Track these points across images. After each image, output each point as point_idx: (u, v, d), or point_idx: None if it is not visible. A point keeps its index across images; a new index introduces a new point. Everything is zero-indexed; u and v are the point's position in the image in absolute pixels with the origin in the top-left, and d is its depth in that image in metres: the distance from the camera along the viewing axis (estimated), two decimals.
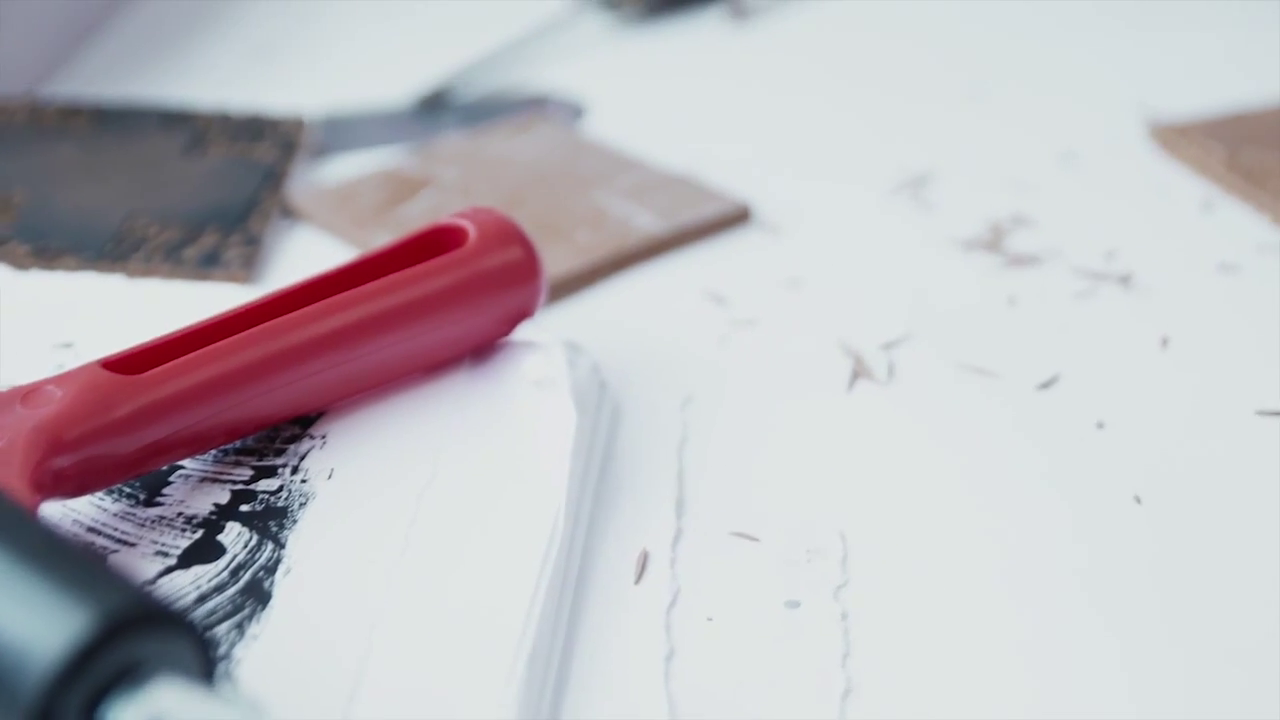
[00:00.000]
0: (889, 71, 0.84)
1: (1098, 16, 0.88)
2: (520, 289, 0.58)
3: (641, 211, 0.69)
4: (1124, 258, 0.67)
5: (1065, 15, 0.88)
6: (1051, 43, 0.86)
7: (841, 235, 0.70)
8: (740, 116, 0.80)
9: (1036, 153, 0.75)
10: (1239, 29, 0.86)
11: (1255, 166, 0.70)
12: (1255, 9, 0.87)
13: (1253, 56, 0.83)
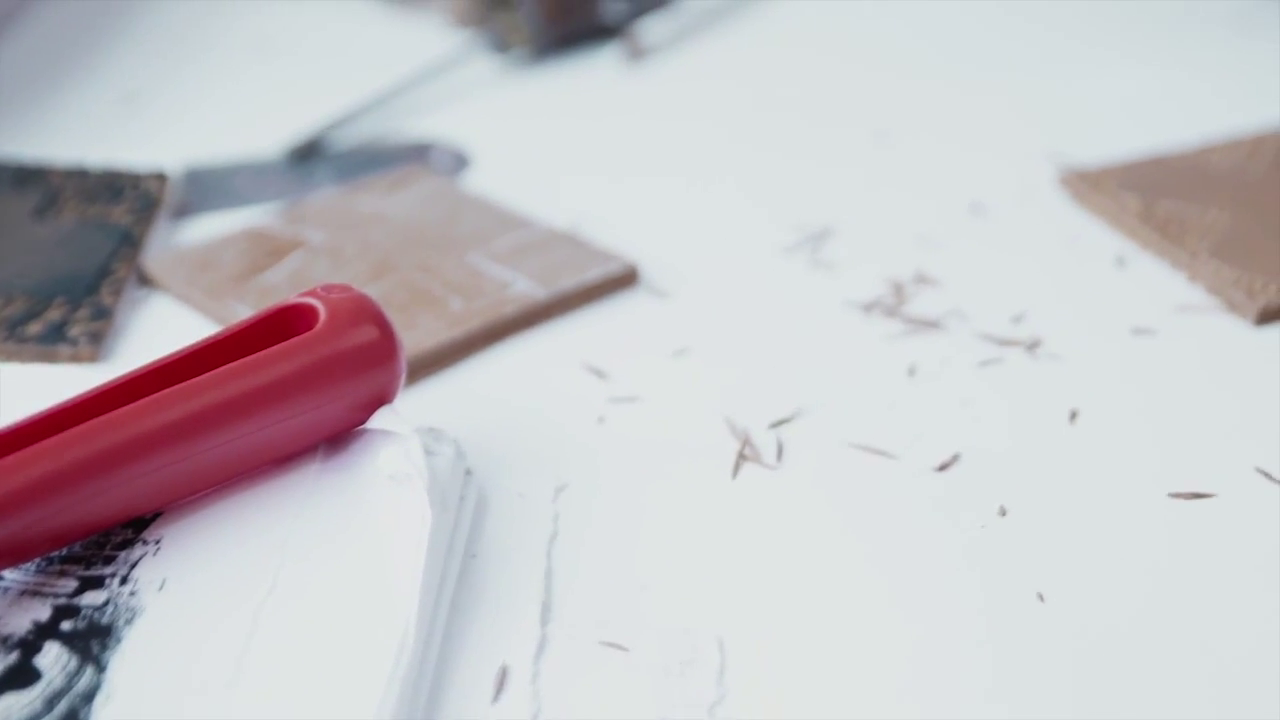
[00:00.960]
0: (791, 116, 0.80)
1: (1007, 60, 0.84)
2: (376, 373, 0.54)
3: (521, 276, 0.65)
4: (1032, 321, 0.64)
5: (973, 59, 0.84)
6: (959, 87, 0.82)
7: (733, 298, 0.66)
8: (632, 166, 0.76)
9: (942, 205, 0.71)
10: (1152, 72, 0.82)
11: (1171, 219, 0.67)
12: (1168, 52, 0.84)
13: (1167, 99, 0.79)
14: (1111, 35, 0.86)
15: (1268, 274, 0.64)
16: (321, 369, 0.53)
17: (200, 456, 0.51)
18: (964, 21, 0.88)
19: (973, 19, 0.88)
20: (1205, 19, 0.85)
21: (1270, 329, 0.63)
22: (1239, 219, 0.67)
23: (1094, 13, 0.87)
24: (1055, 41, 0.85)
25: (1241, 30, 0.82)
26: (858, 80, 0.83)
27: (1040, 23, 0.87)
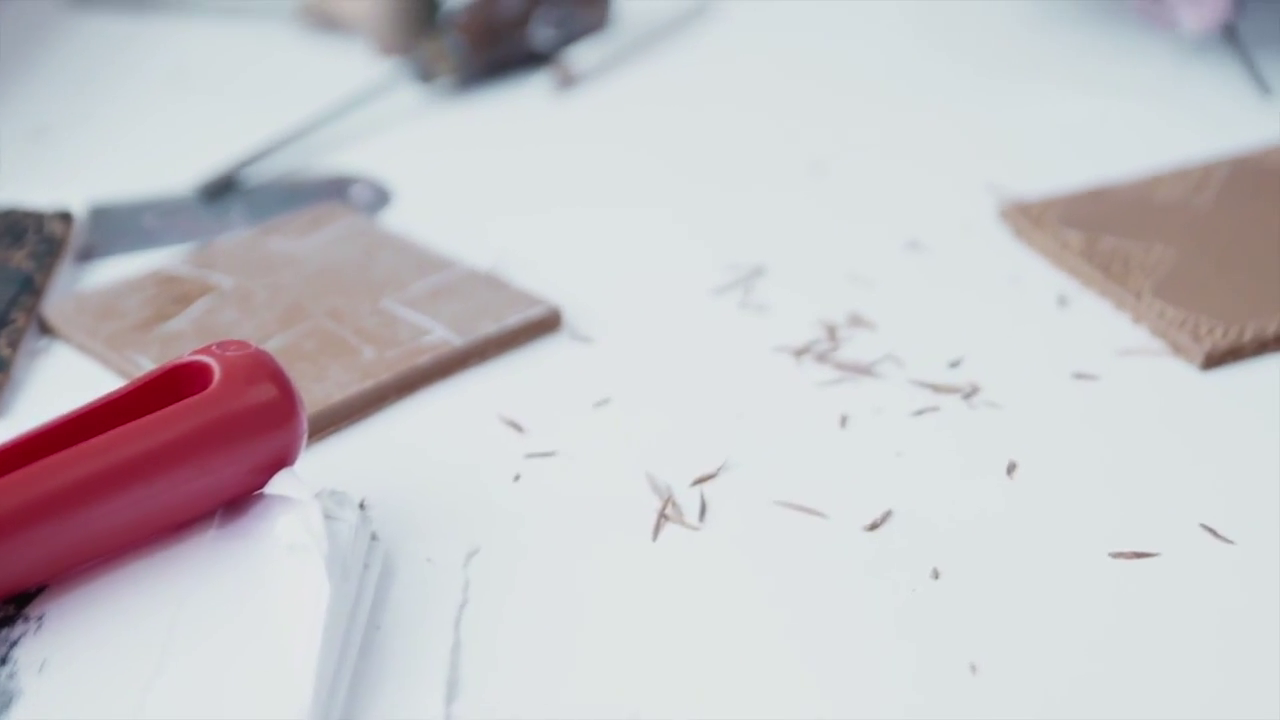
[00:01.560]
0: (725, 146, 0.78)
1: (948, 89, 0.82)
2: (274, 435, 0.51)
3: (437, 323, 0.63)
4: (970, 365, 0.61)
5: (914, 87, 0.82)
6: (899, 116, 0.80)
7: (660, 343, 0.64)
8: (559, 200, 0.74)
9: (880, 240, 0.69)
10: (1098, 101, 0.80)
11: (1115, 256, 0.65)
12: (1113, 80, 0.81)
13: (1112, 128, 0.78)
14: (1055, 63, 0.84)
15: (1214, 314, 0.62)
16: (215, 432, 0.50)
17: (87, 526, 0.49)
18: (904, 49, 0.85)
19: (913, 47, 0.86)
20: (1151, 46, 0.82)
21: (1217, 374, 0.61)
22: (1185, 255, 0.65)
23: (1037, 40, 0.85)
24: (997, 69, 0.83)
25: (1188, 57, 0.79)
26: (795, 109, 0.81)
27: (983, 50, 0.85)
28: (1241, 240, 0.66)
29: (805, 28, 0.88)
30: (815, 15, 0.89)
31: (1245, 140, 0.74)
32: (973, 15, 0.87)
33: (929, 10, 0.88)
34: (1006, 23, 0.86)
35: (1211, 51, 0.83)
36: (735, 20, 0.89)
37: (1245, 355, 0.61)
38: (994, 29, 0.86)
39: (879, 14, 0.89)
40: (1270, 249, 0.65)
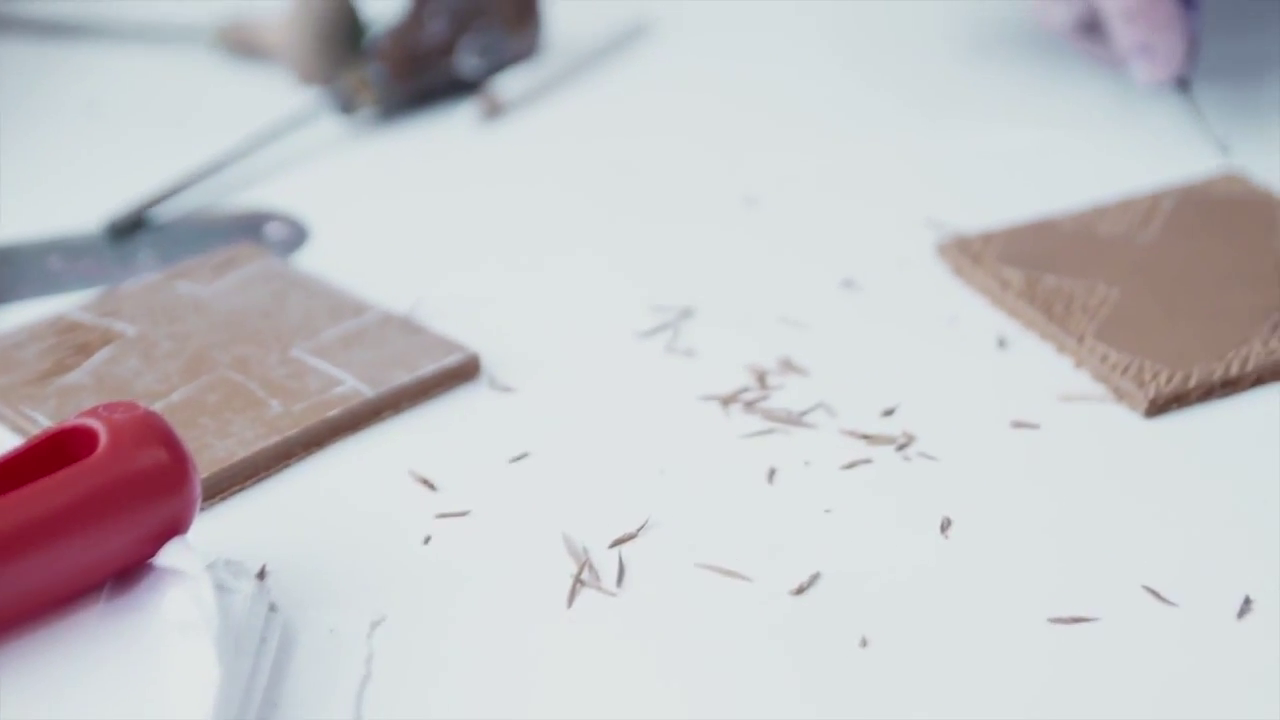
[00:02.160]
0: (656, 179, 0.76)
1: (885, 120, 0.80)
2: (164, 502, 0.49)
3: (348, 373, 0.61)
4: (905, 414, 0.59)
5: (850, 118, 0.80)
6: (835, 148, 0.78)
7: (582, 392, 0.62)
8: (482, 237, 0.72)
9: (813, 279, 0.67)
10: (1039, 131, 0.78)
11: (1056, 296, 0.63)
12: (1055, 109, 0.79)
13: (1055, 159, 0.75)
14: (997, 94, 0.81)
15: (1159, 358, 0.60)
16: (100, 501, 0.48)
17: None
18: (843, 80, 0.83)
19: (852, 77, 0.83)
20: (1095, 76, 0.80)
21: (1162, 421, 0.59)
22: (1129, 294, 0.63)
23: (978, 71, 0.83)
24: (937, 101, 0.81)
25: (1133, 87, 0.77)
26: (729, 139, 0.78)
27: (922, 82, 0.83)
28: (1187, 278, 0.64)
29: (741, 56, 0.86)
30: (751, 44, 0.87)
31: (1192, 169, 0.72)
32: (912, 46, 0.85)
33: (868, 41, 0.86)
34: (946, 54, 0.84)
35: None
36: (669, 47, 0.87)
37: (1191, 401, 0.59)
38: (934, 60, 0.84)
39: (817, 44, 0.86)
40: (1216, 287, 0.63)
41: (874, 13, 0.88)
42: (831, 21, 0.87)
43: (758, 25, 0.88)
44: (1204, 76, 0.76)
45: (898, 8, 0.87)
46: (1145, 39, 0.71)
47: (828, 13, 0.88)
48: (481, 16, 0.82)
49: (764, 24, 0.89)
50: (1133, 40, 0.71)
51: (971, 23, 0.86)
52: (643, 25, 0.89)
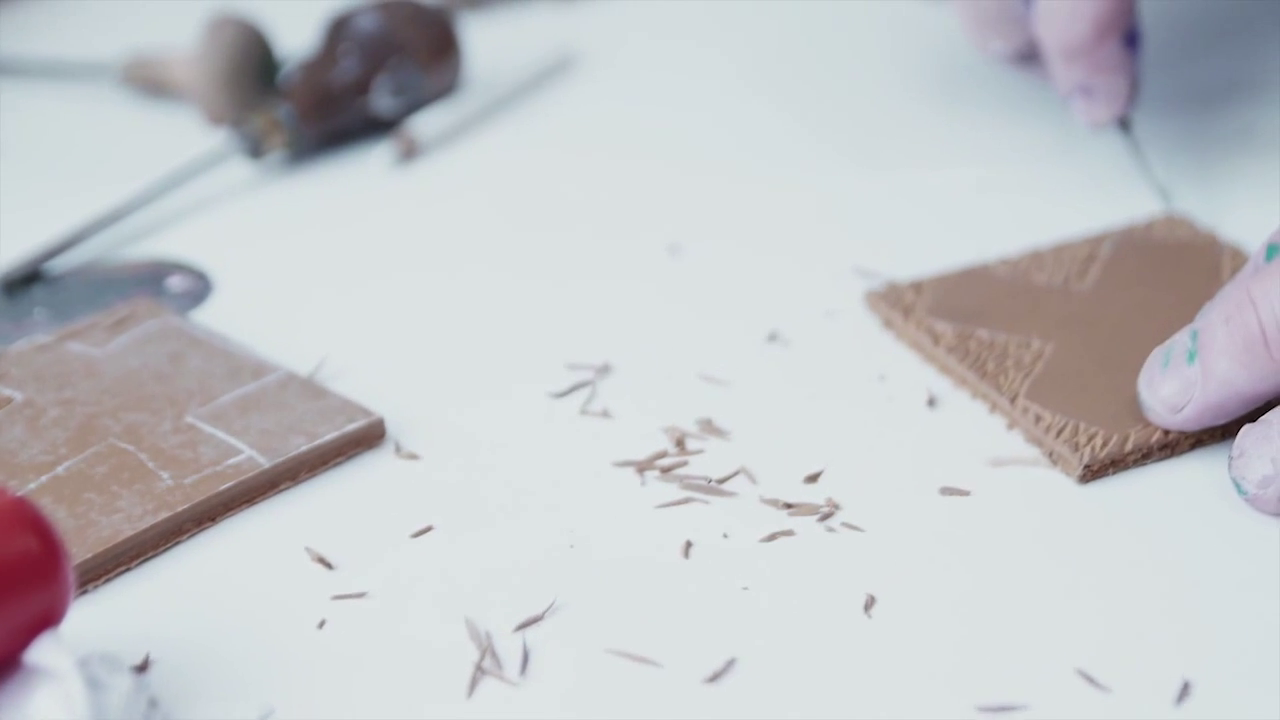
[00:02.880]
0: (574, 226, 0.74)
1: (814, 166, 0.77)
2: (34, 594, 0.46)
3: (244, 441, 0.58)
4: (830, 480, 0.57)
5: (777, 161, 0.77)
6: (762, 193, 0.76)
7: (491, 459, 0.60)
8: (392, 290, 0.70)
9: (737, 333, 0.65)
10: (973, 172, 0.75)
11: (988, 353, 0.61)
12: (988, 153, 0.77)
13: (989, 202, 0.73)
14: (929, 131, 0.79)
15: (1095, 419, 0.57)
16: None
17: None
18: (770, 123, 0.80)
19: (779, 120, 0.81)
20: (1029, 113, 0.77)
21: (1097, 488, 0.57)
22: (1064, 349, 0.61)
23: (909, 108, 0.80)
24: (867, 145, 0.78)
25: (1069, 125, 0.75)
26: (653, 184, 0.76)
27: (852, 125, 0.80)
28: (1125, 331, 0.62)
29: (666, 95, 0.83)
30: (677, 82, 0.85)
31: (1134, 208, 0.70)
32: (843, 86, 0.82)
33: (798, 80, 0.83)
34: (878, 94, 0.81)
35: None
36: (593, 83, 0.85)
37: (1128, 465, 0.57)
38: (865, 100, 0.81)
39: (743, 87, 0.84)
40: (1156, 339, 0.60)
41: (803, 52, 0.86)
42: (759, 61, 0.85)
43: (684, 63, 0.86)
44: (1145, 113, 0.73)
45: (828, 48, 0.84)
46: (1086, 80, 0.68)
47: (755, 52, 0.86)
48: (397, 53, 0.79)
49: (690, 61, 0.86)
50: (1073, 81, 0.69)
51: (902, 62, 0.83)
52: (566, 60, 0.86)
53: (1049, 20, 0.68)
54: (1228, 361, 0.55)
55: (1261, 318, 0.54)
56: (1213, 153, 0.74)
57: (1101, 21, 0.68)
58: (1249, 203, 0.71)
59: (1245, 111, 0.77)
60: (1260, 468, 0.54)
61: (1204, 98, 0.78)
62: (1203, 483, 0.56)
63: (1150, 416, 0.57)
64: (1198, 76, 0.80)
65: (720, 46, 0.87)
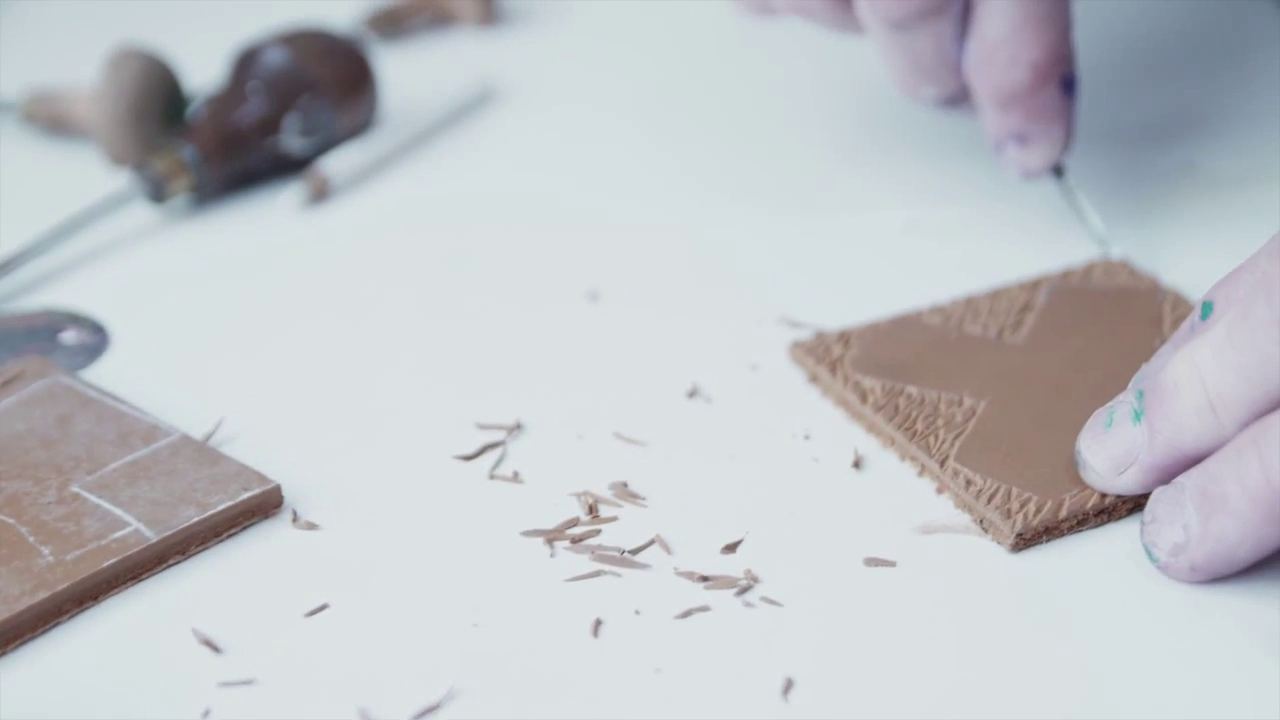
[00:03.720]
0: (489, 272, 0.71)
1: (741, 207, 0.75)
2: None
3: (132, 512, 0.55)
4: (749, 549, 0.55)
5: (704, 204, 0.75)
6: (687, 237, 0.73)
7: (393, 529, 0.58)
8: (297, 342, 0.67)
9: (656, 390, 0.63)
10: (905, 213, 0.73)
11: (917, 411, 0.60)
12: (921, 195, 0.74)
13: (920, 248, 0.71)
14: (861, 170, 0.76)
15: (1028, 483, 0.55)
16: None
17: None
18: (697, 161, 0.78)
19: (704, 156, 0.78)
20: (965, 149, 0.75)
21: (1030, 557, 0.55)
22: (997, 407, 0.58)
23: (842, 147, 0.77)
24: (798, 180, 0.76)
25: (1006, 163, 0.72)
26: (574, 226, 0.74)
27: (782, 165, 0.77)
28: (1061, 386, 0.59)
29: (590, 130, 0.81)
30: (603, 121, 0.82)
31: (1072, 250, 0.69)
32: (773, 122, 0.79)
33: (725, 117, 0.81)
34: (803, 135, 0.79)
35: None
36: (515, 120, 0.82)
37: (1063, 533, 0.55)
38: (790, 143, 0.79)
39: (670, 125, 0.81)
40: (1093, 395, 0.58)
41: (732, 86, 0.83)
42: (687, 98, 0.82)
43: (610, 97, 0.84)
44: (1080, 149, 0.71)
45: (757, 81, 0.82)
46: (1022, 128, 0.66)
47: (683, 89, 0.83)
48: (308, 90, 0.77)
49: (617, 96, 0.84)
50: (1008, 128, 0.66)
51: (829, 100, 0.81)
52: (487, 92, 0.84)
53: (984, 66, 0.66)
54: (1175, 424, 0.53)
55: (1207, 384, 0.52)
56: (1152, 191, 0.72)
57: (1040, 67, 0.65)
58: (1191, 243, 0.69)
59: (1185, 147, 0.75)
60: (1171, 535, 0.53)
61: (1142, 133, 0.76)
62: (1141, 551, 0.54)
63: (1089, 479, 0.55)
64: (1134, 110, 0.78)
65: (648, 80, 0.85)
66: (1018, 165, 0.68)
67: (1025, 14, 0.66)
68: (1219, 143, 0.75)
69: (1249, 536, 0.52)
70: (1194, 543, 0.52)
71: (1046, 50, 0.65)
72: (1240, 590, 0.53)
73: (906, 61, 0.69)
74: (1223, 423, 0.52)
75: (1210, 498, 0.52)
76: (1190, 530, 0.52)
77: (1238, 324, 0.52)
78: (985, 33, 0.66)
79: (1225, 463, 0.52)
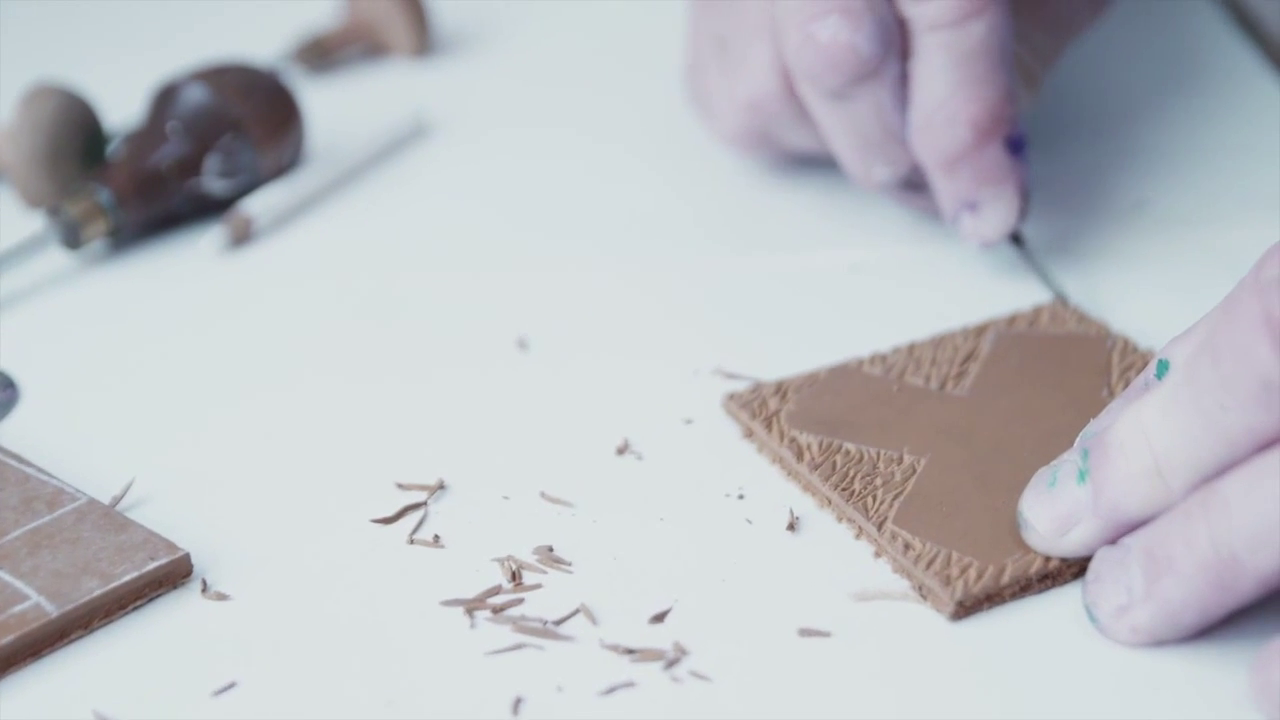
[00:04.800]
0: (414, 320, 0.69)
1: (677, 250, 0.73)
2: None
3: (32, 585, 0.54)
4: (678, 618, 0.54)
5: (637, 244, 0.74)
6: (621, 282, 0.71)
7: (307, 599, 0.56)
8: (213, 398, 0.66)
9: (584, 446, 0.62)
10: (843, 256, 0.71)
11: (855, 469, 0.58)
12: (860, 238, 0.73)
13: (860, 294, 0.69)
14: (803, 209, 0.74)
15: (969, 547, 0.54)
16: None
17: None
18: (635, 200, 0.76)
19: (642, 196, 0.76)
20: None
21: (971, 625, 0.53)
22: (938, 464, 0.57)
23: (777, 184, 0.76)
24: (734, 221, 0.74)
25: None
26: (506, 267, 0.72)
27: (716, 197, 0.75)
28: (1004, 442, 0.58)
29: (526, 172, 0.79)
30: (539, 157, 0.80)
31: (1018, 293, 0.67)
32: (713, 165, 0.77)
33: (662, 157, 0.79)
34: (743, 172, 0.77)
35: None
36: (447, 154, 0.80)
37: (1005, 599, 0.53)
38: (734, 179, 0.76)
39: (607, 162, 0.79)
40: (1038, 450, 0.57)
41: (672, 120, 0.81)
42: (624, 133, 0.80)
43: (546, 131, 0.82)
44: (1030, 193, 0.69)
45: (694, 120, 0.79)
46: (971, 194, 0.64)
47: (621, 124, 0.81)
48: (229, 129, 0.74)
49: (553, 129, 0.82)
50: (958, 196, 0.65)
51: None
52: (419, 126, 0.82)
53: (924, 130, 0.65)
54: (1121, 487, 0.51)
55: (1154, 446, 0.50)
56: (1103, 231, 0.70)
57: (980, 124, 0.64)
58: (1142, 285, 0.68)
59: (1137, 185, 0.73)
60: (1114, 595, 0.51)
61: (1092, 171, 0.74)
62: (1085, 617, 0.52)
63: (1032, 541, 0.53)
64: (1085, 148, 0.76)
65: (586, 112, 0.83)
66: (974, 235, 0.66)
67: (960, 76, 0.65)
68: (1171, 181, 0.73)
69: (1194, 602, 0.50)
70: (1137, 604, 0.51)
71: (985, 108, 0.64)
72: (1186, 657, 0.51)
73: (853, 139, 0.68)
74: (1169, 486, 0.51)
75: (1156, 560, 0.51)
76: (1134, 591, 0.51)
77: (1185, 386, 0.50)
78: (923, 98, 0.66)
79: (1173, 526, 0.51)
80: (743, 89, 0.69)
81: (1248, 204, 0.72)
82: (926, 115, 0.65)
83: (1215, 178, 0.74)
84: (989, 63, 0.64)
